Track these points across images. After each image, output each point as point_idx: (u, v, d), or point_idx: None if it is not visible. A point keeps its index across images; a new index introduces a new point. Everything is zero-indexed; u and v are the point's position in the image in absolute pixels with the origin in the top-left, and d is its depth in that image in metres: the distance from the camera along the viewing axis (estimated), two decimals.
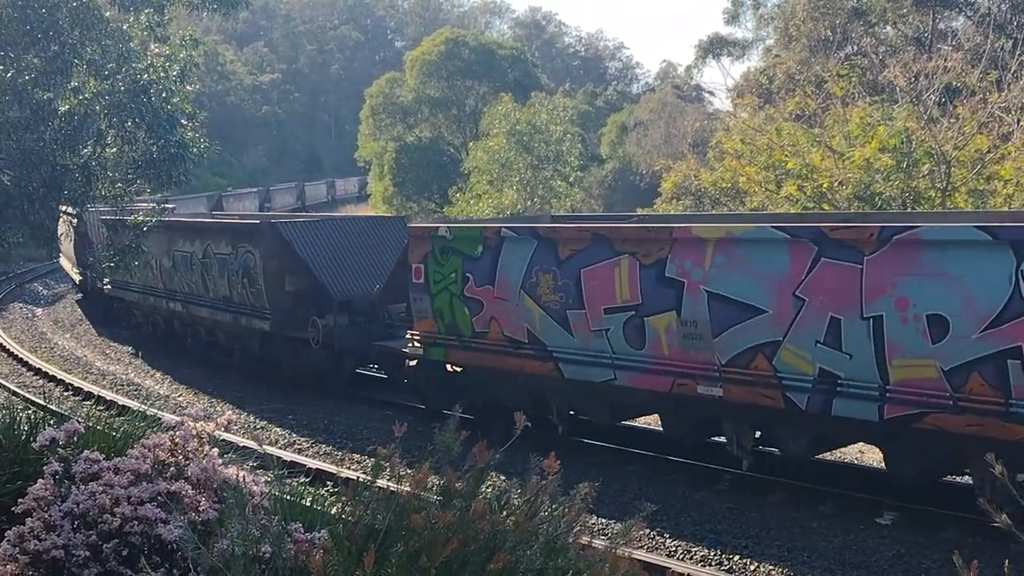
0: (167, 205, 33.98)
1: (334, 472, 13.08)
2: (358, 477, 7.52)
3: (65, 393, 19.47)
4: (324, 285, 18.22)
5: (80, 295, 33.04)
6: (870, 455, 13.58)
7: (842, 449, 14.11)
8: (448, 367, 15.67)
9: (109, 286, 26.52)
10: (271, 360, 20.11)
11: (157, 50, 15.10)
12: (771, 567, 10.09)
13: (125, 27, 14.50)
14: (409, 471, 4.35)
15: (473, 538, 4.04)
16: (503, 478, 4.58)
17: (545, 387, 13.98)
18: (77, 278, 30.86)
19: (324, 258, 18.64)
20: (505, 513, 4.27)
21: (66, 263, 34.77)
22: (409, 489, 4.26)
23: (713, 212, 25.22)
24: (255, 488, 5.21)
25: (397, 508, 4.22)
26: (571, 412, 14.44)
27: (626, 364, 12.57)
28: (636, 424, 15.51)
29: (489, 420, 14.20)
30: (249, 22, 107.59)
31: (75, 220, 25.93)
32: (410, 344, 15.78)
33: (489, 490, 4.45)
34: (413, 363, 16.25)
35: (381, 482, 4.42)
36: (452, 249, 14.74)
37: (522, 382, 14.17)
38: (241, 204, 57.97)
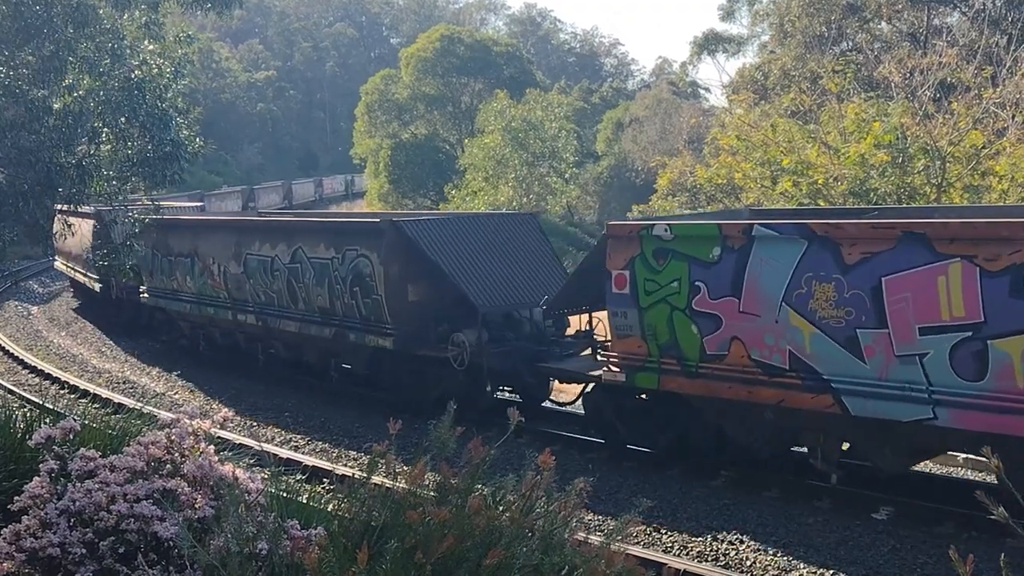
0: (198, 203, 32.68)
1: (330, 469, 13.05)
2: (354, 474, 7.52)
3: (61, 391, 19.44)
4: (464, 294, 15.41)
5: (78, 302, 31.70)
6: None
7: None
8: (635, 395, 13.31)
9: (147, 294, 23.73)
10: (389, 381, 17.09)
11: (151, 48, 15.09)
12: (767, 562, 10.10)
13: (119, 24, 14.50)
14: (405, 468, 4.36)
15: (469, 534, 4.05)
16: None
17: (811, 424, 11.35)
18: (95, 285, 26.95)
19: (459, 262, 15.81)
20: (501, 509, 4.27)
21: (63, 265, 32.17)
22: (405, 486, 4.27)
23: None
24: (251, 485, 5.21)
25: (393, 505, 4.23)
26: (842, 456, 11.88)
27: (954, 399, 9.88)
28: (927, 469, 13.02)
29: (713, 460, 12.82)
30: (244, 19, 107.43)
31: (94, 220, 24.27)
32: (606, 368, 13.04)
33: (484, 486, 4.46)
34: (590, 389, 13.95)
35: (377, 479, 4.43)
36: (673, 252, 12.00)
37: (771, 417, 11.54)
38: (223, 204, 57.04)
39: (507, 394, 17.01)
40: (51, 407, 10.20)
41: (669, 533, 11.01)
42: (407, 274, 16.21)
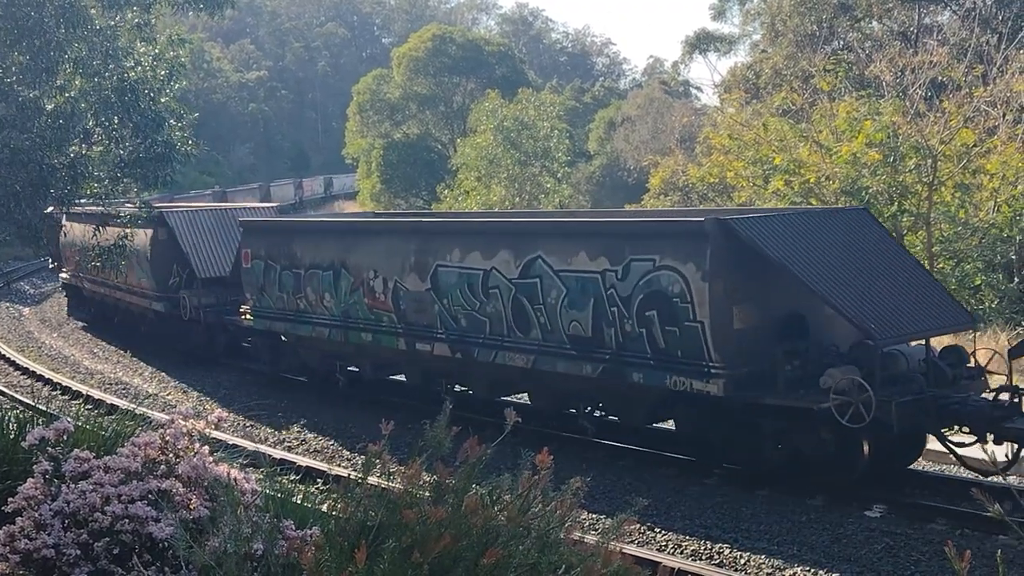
0: (271, 205, 30.00)
1: (324, 469, 13.07)
2: (349, 474, 7.54)
3: (53, 392, 19.39)
4: (849, 322, 11.41)
5: (78, 319, 29.34)
6: None
7: None
8: None
9: (251, 316, 19.28)
10: (704, 439, 12.98)
11: (144, 49, 15.10)
12: (761, 560, 10.12)
13: (112, 24, 14.50)
14: (400, 467, 4.35)
15: (465, 533, 4.05)
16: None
17: None
18: (155, 305, 22.79)
19: (821, 275, 11.68)
20: (497, 508, 4.28)
21: (88, 286, 27.36)
22: (401, 485, 4.27)
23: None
24: (246, 486, 5.21)
25: (389, 504, 4.22)
26: None
27: None
28: None
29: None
30: (235, 19, 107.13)
31: (155, 228, 21.25)
32: None
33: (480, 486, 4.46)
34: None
35: (372, 479, 4.43)
36: None
37: None
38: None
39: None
40: (44, 409, 10.18)
41: (664, 532, 11.03)
42: (733, 292, 12.01)
